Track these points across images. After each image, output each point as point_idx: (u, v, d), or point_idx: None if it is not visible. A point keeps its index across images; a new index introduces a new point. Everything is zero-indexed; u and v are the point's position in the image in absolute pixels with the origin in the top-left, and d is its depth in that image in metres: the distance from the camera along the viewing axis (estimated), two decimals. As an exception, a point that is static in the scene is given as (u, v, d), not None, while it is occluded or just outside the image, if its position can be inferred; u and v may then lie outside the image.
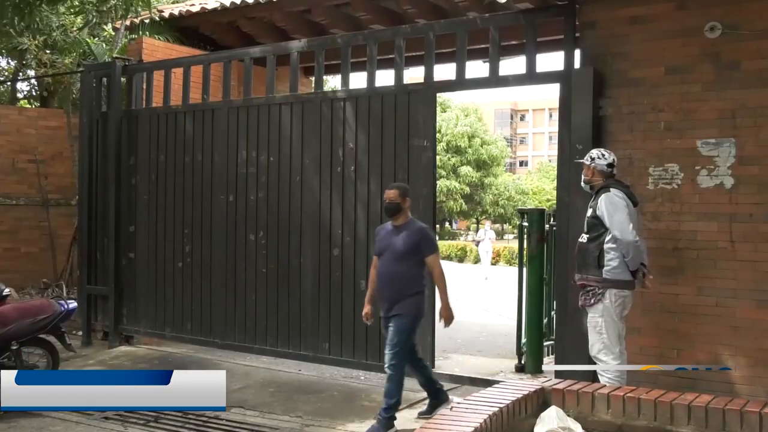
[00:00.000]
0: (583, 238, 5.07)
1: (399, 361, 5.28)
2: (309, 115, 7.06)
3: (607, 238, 4.89)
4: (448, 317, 5.41)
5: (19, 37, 9.76)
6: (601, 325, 4.90)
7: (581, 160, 5.21)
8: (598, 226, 4.95)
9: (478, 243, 24.20)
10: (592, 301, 4.93)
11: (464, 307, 13.21)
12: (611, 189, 4.96)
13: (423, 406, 5.76)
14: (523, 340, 7.11)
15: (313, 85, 8.07)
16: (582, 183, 5.21)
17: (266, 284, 7.20)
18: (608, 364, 4.90)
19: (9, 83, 14.31)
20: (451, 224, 48.53)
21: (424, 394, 6.06)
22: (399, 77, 6.74)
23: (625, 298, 4.95)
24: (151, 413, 5.67)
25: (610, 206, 4.87)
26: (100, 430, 5.25)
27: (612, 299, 4.89)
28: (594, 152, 5.13)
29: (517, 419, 3.18)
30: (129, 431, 5.27)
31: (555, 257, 6.67)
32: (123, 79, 8.49)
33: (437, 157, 8.31)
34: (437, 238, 6.54)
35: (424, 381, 5.64)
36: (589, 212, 5.06)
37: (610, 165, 5.09)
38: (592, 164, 5.09)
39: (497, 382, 4.14)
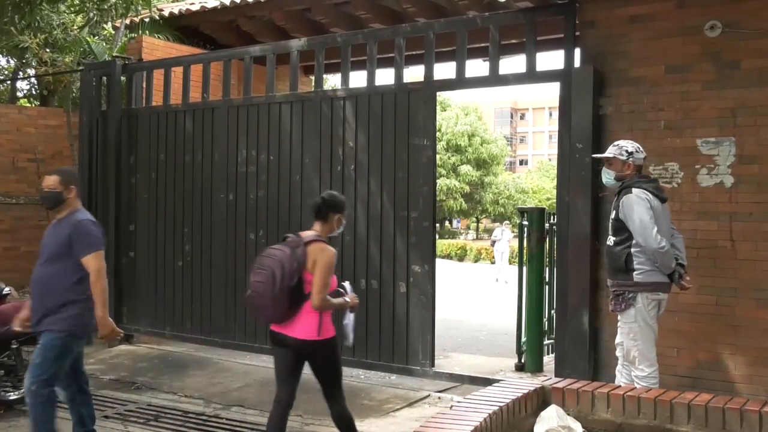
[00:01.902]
0: (610, 241, 4.72)
1: (39, 388, 4.25)
2: (309, 114, 7.06)
3: (634, 242, 4.56)
4: (105, 335, 4.55)
5: (19, 36, 9.74)
6: (635, 331, 4.55)
7: (615, 156, 4.70)
8: (623, 230, 4.60)
9: (494, 243, 22.15)
10: (623, 306, 4.58)
11: (465, 306, 13.23)
12: (633, 189, 4.58)
13: (424, 405, 5.76)
14: (523, 339, 7.11)
15: (313, 84, 8.07)
16: (611, 180, 4.77)
17: (266, 283, 7.19)
18: (643, 371, 4.55)
19: (9, 82, 14.30)
20: (451, 223, 48.55)
21: (424, 393, 6.05)
22: (399, 76, 6.73)
23: (661, 301, 4.62)
24: (152, 412, 5.67)
25: (630, 210, 4.53)
26: (101, 429, 5.24)
27: (644, 303, 4.54)
28: (628, 146, 4.70)
29: (517, 418, 3.18)
30: (129, 430, 5.27)
31: (555, 256, 6.67)
32: (123, 78, 8.49)
33: (437, 156, 8.31)
34: (437, 237, 6.49)
35: (76, 421, 4.60)
36: (613, 214, 4.71)
37: (645, 158, 4.78)
38: (630, 159, 4.67)
39: (497, 380, 4.14)
